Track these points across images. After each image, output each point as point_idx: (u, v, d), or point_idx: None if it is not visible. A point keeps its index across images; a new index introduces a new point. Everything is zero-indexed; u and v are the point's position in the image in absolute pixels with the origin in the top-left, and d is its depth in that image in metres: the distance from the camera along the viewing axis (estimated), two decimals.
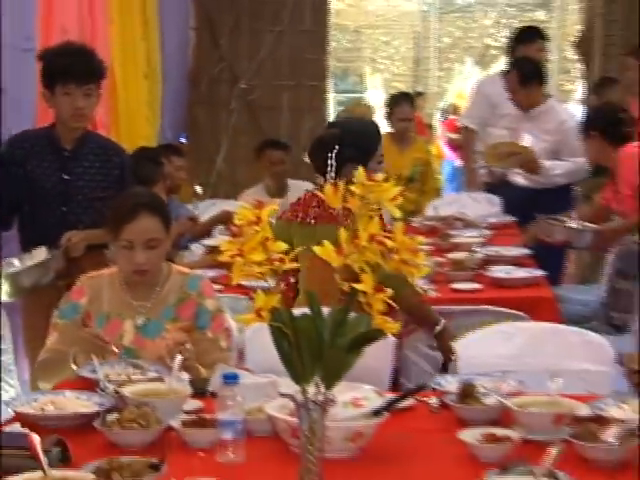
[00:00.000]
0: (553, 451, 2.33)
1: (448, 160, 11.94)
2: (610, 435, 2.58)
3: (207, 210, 6.55)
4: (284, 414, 2.62)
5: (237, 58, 8.31)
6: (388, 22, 14.80)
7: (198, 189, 7.47)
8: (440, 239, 5.66)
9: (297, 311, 2.33)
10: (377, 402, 2.69)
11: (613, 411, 2.83)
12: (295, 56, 8.28)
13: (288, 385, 2.92)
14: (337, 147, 3.94)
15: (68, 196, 4.30)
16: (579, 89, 13.19)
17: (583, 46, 9.03)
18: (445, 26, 14.93)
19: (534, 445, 2.58)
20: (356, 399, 2.64)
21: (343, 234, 2.20)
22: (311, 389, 2.21)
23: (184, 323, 3.34)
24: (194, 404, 2.89)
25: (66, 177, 4.29)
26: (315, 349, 2.19)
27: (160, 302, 3.38)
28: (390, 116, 7.05)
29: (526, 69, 6.42)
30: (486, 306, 4.29)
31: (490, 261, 5.00)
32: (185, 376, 3.02)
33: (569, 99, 13.87)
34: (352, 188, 2.19)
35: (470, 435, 2.62)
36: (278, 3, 8.24)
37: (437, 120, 13.21)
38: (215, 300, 3.45)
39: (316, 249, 2.22)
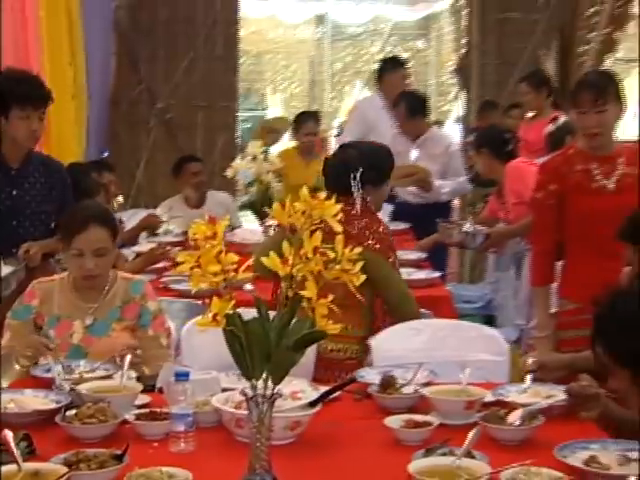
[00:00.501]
0: (471, 434, 2.40)
1: None
2: (515, 418, 2.66)
3: (129, 220, 6.50)
4: (229, 407, 2.64)
5: (155, 81, 8.23)
6: (287, 48, 14.85)
7: (120, 199, 7.41)
8: None
9: None
10: (312, 394, 2.73)
11: (513, 396, 2.91)
12: (208, 79, 8.23)
13: (227, 380, 2.96)
14: (361, 169, 3.79)
15: (17, 211, 4.19)
16: (455, 110, 13.41)
17: (462, 73, 9.20)
18: (337, 52, 15.07)
19: (450, 428, 2.64)
20: (294, 392, 2.67)
21: (287, 247, 2.22)
22: (260, 384, 2.23)
23: (128, 323, 3.35)
24: (143, 399, 2.88)
25: (14, 193, 4.20)
26: (264, 349, 2.20)
27: (107, 304, 3.37)
28: (297, 131, 7.07)
29: (413, 103, 6.50)
30: None
31: None
32: (133, 374, 3.02)
33: (446, 119, 14.07)
34: (296, 205, 2.21)
35: (394, 421, 2.67)
36: (192, 31, 8.20)
37: (332, 136, 13.32)
38: (156, 302, 3.45)
39: (264, 259, 2.24)
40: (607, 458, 2.39)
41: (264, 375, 2.22)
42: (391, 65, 7.22)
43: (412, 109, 6.42)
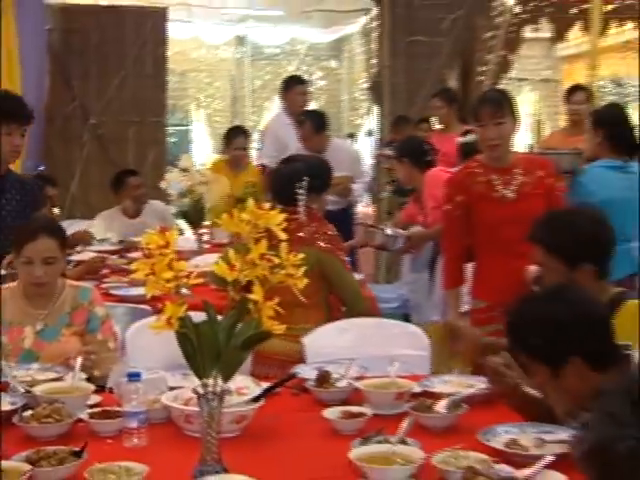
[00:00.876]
0: (405, 423, 2.43)
1: None
2: (441, 406, 2.71)
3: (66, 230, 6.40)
4: (178, 404, 2.63)
5: (88, 98, 8.14)
6: (209, 67, 14.72)
7: (56, 211, 7.30)
8: None
9: None
10: (256, 390, 2.74)
11: (438, 387, 2.97)
12: (138, 96, 8.17)
13: (172, 379, 2.95)
14: (306, 179, 3.82)
15: None
16: (367, 124, 13.51)
17: (375, 90, 9.30)
18: (256, 71, 15.02)
19: (382, 418, 2.68)
20: (240, 388, 2.67)
21: (232, 254, 2.23)
22: (210, 382, 2.23)
23: (77, 328, 3.30)
24: (94, 398, 2.85)
25: None
26: (214, 349, 2.21)
27: (56, 310, 3.32)
28: (227, 146, 7.03)
29: (318, 120, 6.53)
30: None
31: None
32: (83, 375, 2.97)
33: (358, 132, 14.18)
34: (243, 215, 2.22)
35: (331, 413, 2.70)
36: (122, 52, 8.13)
37: (253, 149, 13.29)
38: (104, 308, 3.41)
39: (215, 266, 2.24)
40: (525, 440, 2.46)
41: (214, 373, 2.22)
42: (291, 83, 7.25)
43: (317, 126, 6.46)
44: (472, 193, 3.97)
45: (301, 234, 3.71)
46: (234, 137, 6.98)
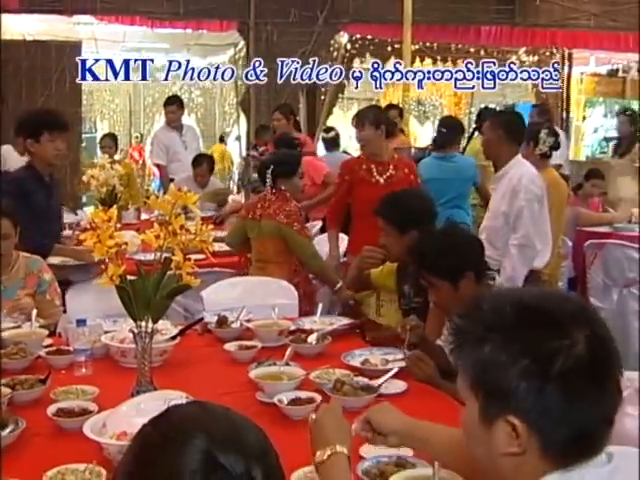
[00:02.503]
0: (288, 351, 2.51)
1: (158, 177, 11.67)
2: (312, 339, 2.80)
3: None
4: (115, 342, 2.63)
5: (19, 112, 7.74)
6: (111, 86, 14.33)
7: None
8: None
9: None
10: (174, 331, 2.75)
11: (308, 325, 3.05)
12: (60, 109, 7.84)
13: (105, 325, 2.91)
14: (272, 166, 3.88)
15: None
16: (234, 131, 13.42)
17: (244, 104, 9.29)
18: (148, 90, 14.82)
19: (268, 349, 2.74)
20: (161, 329, 2.67)
21: (157, 226, 2.23)
22: (143, 324, 2.24)
23: (29, 290, 3.21)
24: (47, 341, 2.79)
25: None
26: (145, 299, 2.21)
27: (13, 276, 3.20)
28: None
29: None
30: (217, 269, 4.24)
31: None
32: (37, 323, 2.91)
33: (228, 137, 14.15)
34: (166, 196, 2.23)
35: (230, 346, 2.75)
36: (46, 75, 7.83)
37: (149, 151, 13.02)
38: (50, 274, 3.30)
39: (143, 236, 2.25)
40: (375, 360, 2.59)
41: (146, 317, 2.23)
42: (165, 103, 7.15)
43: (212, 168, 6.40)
44: (356, 176, 4.32)
45: (269, 210, 3.81)
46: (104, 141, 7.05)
